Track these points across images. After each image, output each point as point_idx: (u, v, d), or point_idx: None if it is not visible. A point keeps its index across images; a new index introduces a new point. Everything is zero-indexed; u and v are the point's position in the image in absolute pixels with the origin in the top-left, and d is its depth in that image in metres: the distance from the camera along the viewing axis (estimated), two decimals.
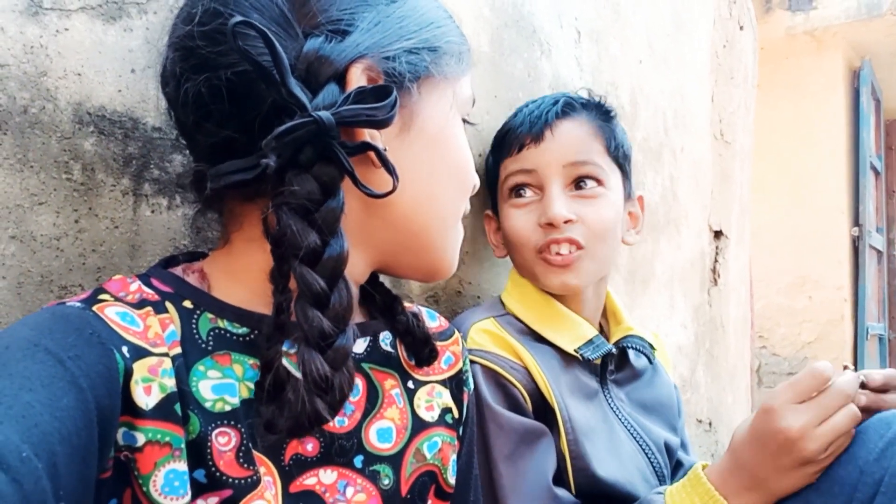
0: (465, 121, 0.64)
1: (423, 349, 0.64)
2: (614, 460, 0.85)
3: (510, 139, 0.93)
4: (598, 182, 0.89)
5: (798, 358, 4.49)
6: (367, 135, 0.52)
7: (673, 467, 0.97)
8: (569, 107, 0.91)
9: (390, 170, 0.52)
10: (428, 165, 0.58)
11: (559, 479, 0.82)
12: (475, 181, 0.65)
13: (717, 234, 2.03)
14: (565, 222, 0.87)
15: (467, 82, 0.63)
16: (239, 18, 0.46)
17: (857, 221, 4.62)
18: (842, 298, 4.47)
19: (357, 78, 0.51)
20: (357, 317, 0.64)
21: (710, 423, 1.90)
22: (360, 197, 0.52)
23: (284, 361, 0.49)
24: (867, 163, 4.69)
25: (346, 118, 0.48)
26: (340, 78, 0.51)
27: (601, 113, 0.93)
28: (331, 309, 0.48)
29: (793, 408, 0.67)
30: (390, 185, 0.52)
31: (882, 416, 0.67)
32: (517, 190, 0.92)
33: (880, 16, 4.19)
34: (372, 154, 0.52)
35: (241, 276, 0.55)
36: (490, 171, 0.99)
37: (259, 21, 0.49)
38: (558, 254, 0.88)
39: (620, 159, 0.93)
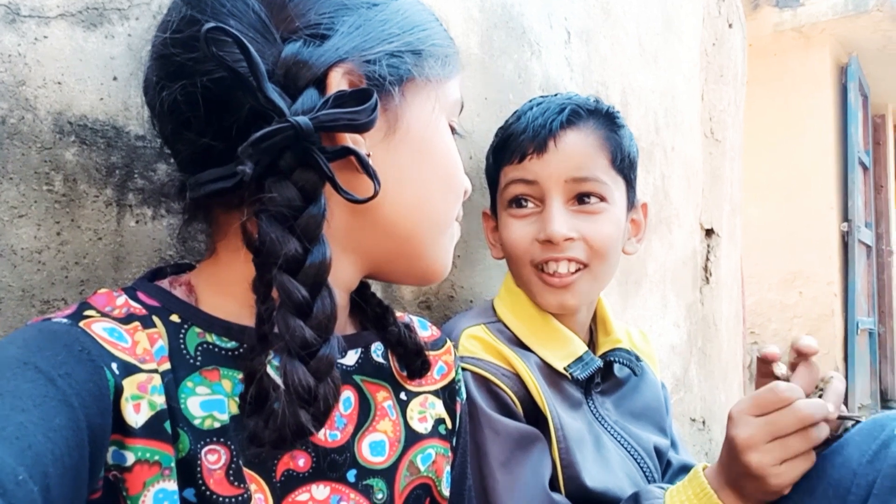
0: (453, 130, 0.63)
1: (415, 361, 0.63)
2: (602, 469, 0.85)
3: (512, 145, 0.90)
4: (601, 198, 0.87)
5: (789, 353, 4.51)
6: (349, 139, 0.51)
7: (664, 468, 0.97)
8: (575, 115, 0.87)
9: (371, 174, 0.50)
10: (415, 169, 0.57)
11: (551, 486, 0.81)
12: (466, 185, 0.64)
13: (709, 233, 2.03)
14: (565, 240, 0.85)
15: (455, 85, 0.62)
16: (212, 24, 0.45)
17: (846, 217, 4.65)
18: (832, 293, 4.50)
19: (337, 82, 0.50)
20: (348, 328, 0.63)
21: (703, 422, 1.90)
22: (346, 203, 0.51)
23: (270, 371, 0.48)
24: (855, 158, 4.72)
25: (324, 123, 0.47)
26: (320, 83, 0.50)
27: (608, 122, 0.90)
28: (313, 318, 0.46)
29: (745, 418, 0.68)
30: (373, 190, 0.50)
31: (875, 418, 0.67)
32: (517, 200, 0.90)
33: (867, 12, 4.22)
34: (354, 159, 0.50)
35: (228, 288, 0.54)
36: (490, 172, 0.97)
37: (235, 27, 0.48)
38: (557, 273, 0.86)
39: (626, 170, 0.90)
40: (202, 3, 0.50)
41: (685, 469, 1.00)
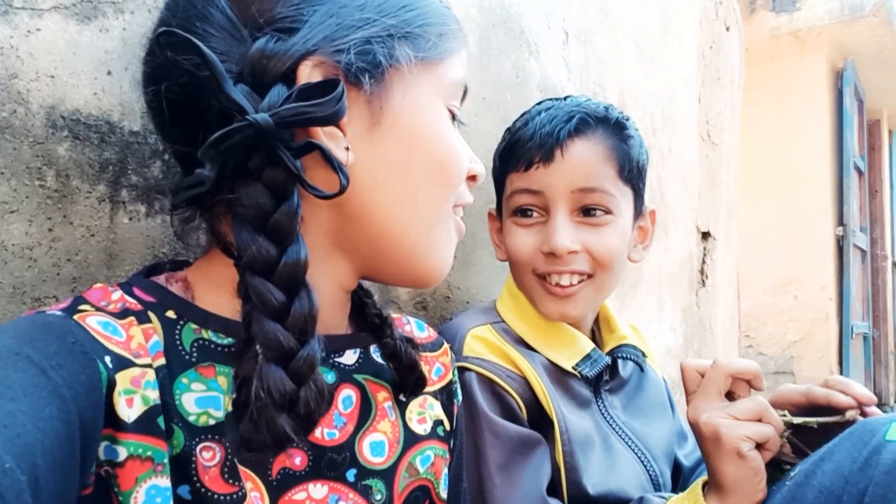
0: (453, 116, 0.59)
1: (409, 377, 0.61)
2: (607, 471, 0.84)
3: (519, 152, 0.88)
4: (607, 210, 0.86)
5: (784, 357, 4.52)
6: (323, 134, 0.49)
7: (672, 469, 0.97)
8: (583, 124, 0.85)
9: (335, 168, 0.48)
10: (403, 161, 0.54)
11: (553, 490, 0.80)
12: (476, 170, 0.61)
13: (705, 236, 2.03)
14: (569, 253, 0.84)
15: (454, 65, 0.58)
16: (163, 29, 0.44)
17: (841, 221, 4.67)
18: (827, 298, 4.51)
19: (307, 75, 0.48)
20: (347, 328, 0.62)
21: None
22: (332, 203, 0.50)
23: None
24: (851, 163, 4.73)
25: (285, 118, 0.45)
26: (288, 77, 0.48)
27: (617, 131, 0.87)
28: (291, 319, 0.45)
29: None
30: (339, 185, 0.48)
31: (866, 423, 0.66)
32: (522, 210, 0.88)
33: (863, 17, 4.23)
34: (319, 153, 0.48)
35: (224, 285, 0.52)
36: (496, 175, 0.95)
37: (201, 28, 0.47)
38: (559, 284, 0.85)
39: (634, 180, 0.88)
40: (176, 5, 0.50)
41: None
